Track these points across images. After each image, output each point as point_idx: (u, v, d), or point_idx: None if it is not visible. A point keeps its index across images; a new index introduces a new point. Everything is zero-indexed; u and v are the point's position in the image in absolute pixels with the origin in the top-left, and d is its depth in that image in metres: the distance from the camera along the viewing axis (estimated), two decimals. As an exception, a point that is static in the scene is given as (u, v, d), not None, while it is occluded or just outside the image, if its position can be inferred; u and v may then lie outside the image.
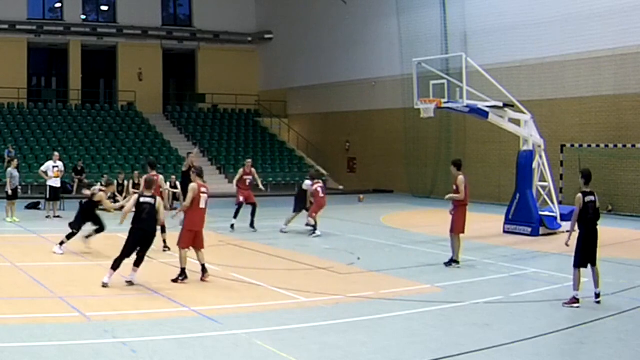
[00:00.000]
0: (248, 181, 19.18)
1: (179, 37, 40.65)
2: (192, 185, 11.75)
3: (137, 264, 11.22)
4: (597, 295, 10.43)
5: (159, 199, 11.56)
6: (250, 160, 20.17)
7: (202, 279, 11.71)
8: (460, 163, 14.00)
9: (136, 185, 24.68)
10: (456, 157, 17.32)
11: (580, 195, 10.52)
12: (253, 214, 18.90)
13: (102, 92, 41.44)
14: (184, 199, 12.35)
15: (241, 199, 18.86)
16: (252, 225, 18.79)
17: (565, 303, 10.32)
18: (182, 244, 11.73)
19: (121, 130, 35.65)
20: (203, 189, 11.81)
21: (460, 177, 13.54)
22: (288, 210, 19.01)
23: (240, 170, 19.49)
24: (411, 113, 24.45)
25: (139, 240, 11.15)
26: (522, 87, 25.32)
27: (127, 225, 11.38)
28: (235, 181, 19.38)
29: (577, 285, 10.33)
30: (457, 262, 13.65)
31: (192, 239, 11.77)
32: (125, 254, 11.13)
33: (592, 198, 10.53)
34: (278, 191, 33.02)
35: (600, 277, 10.51)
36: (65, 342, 8.00)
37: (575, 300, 10.28)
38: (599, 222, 10.63)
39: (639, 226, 20.86)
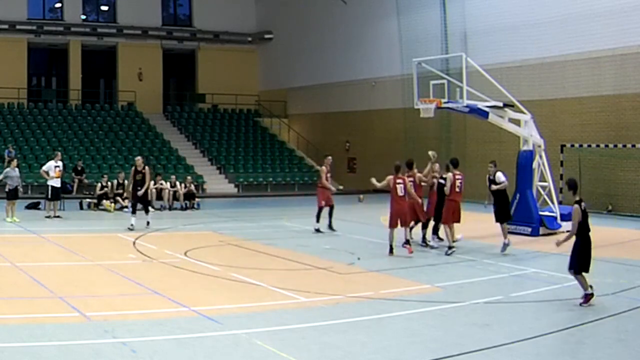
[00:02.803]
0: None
1: (179, 37, 40.63)
2: (388, 177, 14.76)
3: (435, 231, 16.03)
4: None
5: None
6: (330, 157, 19.81)
7: (403, 245, 14.78)
8: (454, 162, 15.70)
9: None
10: (456, 156, 17.34)
11: (577, 206, 10.44)
12: (330, 215, 18.83)
13: (102, 92, 41.39)
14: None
15: (323, 203, 18.70)
16: (330, 226, 18.71)
17: (583, 302, 10.30)
18: (391, 225, 14.82)
19: (121, 130, 35.64)
20: (398, 180, 14.69)
21: (448, 175, 15.45)
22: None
23: (324, 168, 19.08)
24: (411, 113, 24.38)
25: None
26: (522, 87, 25.25)
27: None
28: (325, 181, 18.84)
29: (584, 285, 10.36)
30: (451, 248, 15.14)
31: (396, 221, 14.76)
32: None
33: (584, 205, 10.56)
34: (278, 191, 33.05)
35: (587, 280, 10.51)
36: (65, 342, 8.00)
37: (590, 296, 10.30)
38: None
39: (639, 226, 20.85)
